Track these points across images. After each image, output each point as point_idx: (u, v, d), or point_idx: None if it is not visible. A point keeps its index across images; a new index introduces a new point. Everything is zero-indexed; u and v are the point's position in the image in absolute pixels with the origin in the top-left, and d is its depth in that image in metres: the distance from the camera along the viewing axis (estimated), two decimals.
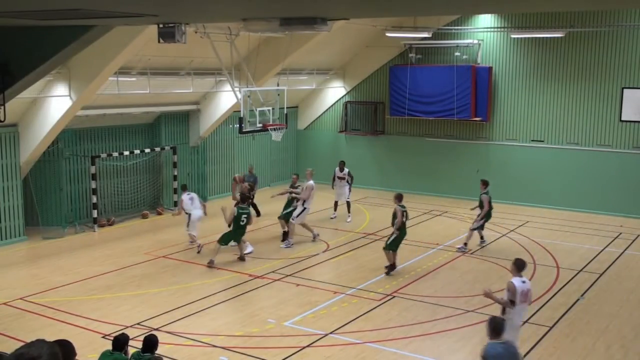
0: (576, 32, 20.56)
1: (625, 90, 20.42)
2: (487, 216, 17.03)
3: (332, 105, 26.22)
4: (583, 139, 21.58)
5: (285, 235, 17.37)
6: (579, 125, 21.63)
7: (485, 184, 17.22)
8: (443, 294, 13.54)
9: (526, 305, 9.68)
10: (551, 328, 11.81)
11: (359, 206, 21.79)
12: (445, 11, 14.96)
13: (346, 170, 20.13)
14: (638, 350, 10.92)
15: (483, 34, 22.85)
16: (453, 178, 23.37)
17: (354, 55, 24.85)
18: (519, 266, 9.62)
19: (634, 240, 18.07)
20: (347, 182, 20.17)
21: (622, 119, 20.49)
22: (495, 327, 7.54)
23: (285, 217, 17.38)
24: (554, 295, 13.58)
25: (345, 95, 25.92)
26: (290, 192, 17.64)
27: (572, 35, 20.74)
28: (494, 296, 9.64)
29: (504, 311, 9.53)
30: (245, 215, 15.39)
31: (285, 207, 17.67)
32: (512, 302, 9.41)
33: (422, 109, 23.61)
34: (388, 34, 21.89)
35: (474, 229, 16.98)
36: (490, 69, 22.80)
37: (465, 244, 16.82)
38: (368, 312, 12.46)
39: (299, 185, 17.68)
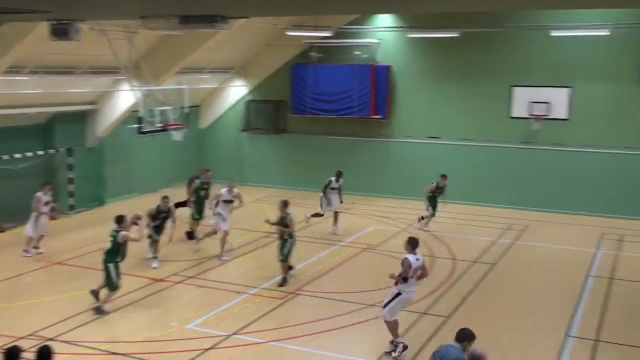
0: (470, 32, 21.35)
1: (513, 88, 21.47)
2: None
3: (234, 104, 26.07)
4: (476, 135, 22.50)
5: (190, 235, 17.24)
6: (472, 122, 22.53)
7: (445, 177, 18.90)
8: (345, 290, 13.77)
9: (417, 281, 10.58)
10: (448, 318, 12.27)
11: (262, 205, 21.79)
12: (341, 10, 15.18)
13: (342, 180, 18.74)
14: (527, 336, 11.51)
15: (382, 34, 23.35)
16: (355, 175, 23.71)
17: (255, 53, 24.80)
18: (413, 244, 10.53)
19: (522, 231, 19.02)
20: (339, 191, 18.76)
21: (511, 115, 21.57)
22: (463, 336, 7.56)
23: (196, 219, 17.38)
24: (451, 287, 14.10)
25: (247, 94, 25.84)
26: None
27: (466, 36, 21.53)
28: (393, 275, 10.42)
29: (396, 284, 10.43)
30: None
31: (198, 212, 17.51)
32: (405, 279, 10.28)
33: (324, 107, 23.88)
34: (289, 33, 22.01)
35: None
36: (389, 67, 23.36)
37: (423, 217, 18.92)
38: (271, 311, 12.52)
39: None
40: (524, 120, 21.44)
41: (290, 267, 14.34)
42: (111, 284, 12.31)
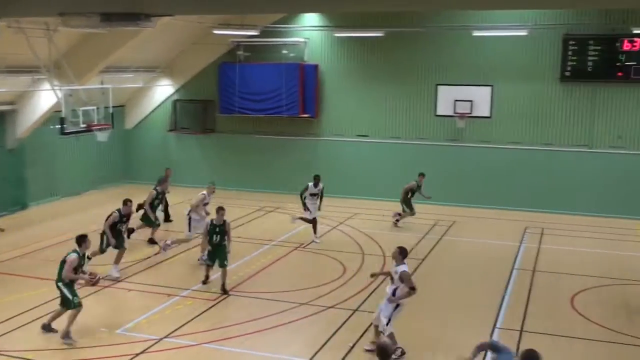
0: (395, 32, 21.70)
1: (439, 86, 21.98)
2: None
3: (160, 104, 25.62)
4: (404, 133, 22.91)
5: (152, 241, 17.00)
6: (400, 120, 22.92)
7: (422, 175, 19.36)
8: (277, 289, 13.77)
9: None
10: None
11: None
12: (267, 9, 15.12)
13: (321, 185, 17.75)
14: (457, 328, 11.81)
15: (309, 33, 23.44)
16: (284, 174, 23.79)
17: (182, 52, 24.44)
18: (405, 254, 10.49)
19: (449, 227, 19.48)
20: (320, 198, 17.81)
21: (437, 113, 22.08)
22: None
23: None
24: (381, 283, 14.29)
25: (173, 93, 25.44)
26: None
27: (392, 35, 21.86)
28: (402, 294, 10.20)
29: (394, 293, 10.26)
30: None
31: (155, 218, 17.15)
32: (413, 289, 10.16)
33: (252, 107, 23.79)
34: (215, 32, 21.80)
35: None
36: (316, 66, 23.47)
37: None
38: (203, 312, 12.39)
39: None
40: (449, 118, 21.97)
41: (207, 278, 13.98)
42: (69, 303, 10.98)
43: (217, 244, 13.58)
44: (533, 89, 21.63)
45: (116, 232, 14.35)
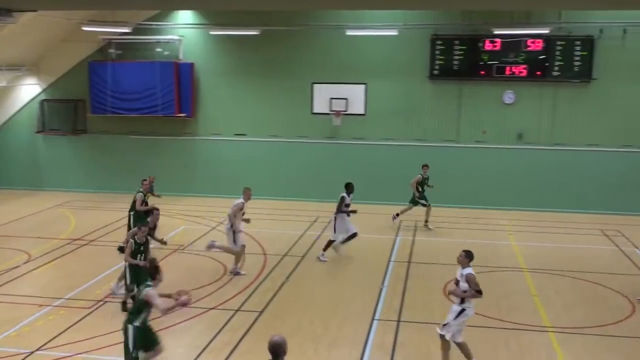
0: (271, 30, 21.80)
1: (315, 85, 22.32)
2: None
3: (26, 104, 24.32)
4: (282, 131, 23.08)
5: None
6: (278, 119, 23.09)
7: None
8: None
9: None
10: (262, 312, 12.49)
11: (62, 211, 20.61)
12: (136, 5, 14.75)
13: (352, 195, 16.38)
14: (338, 322, 12.07)
15: (184, 31, 23.08)
16: (161, 175, 23.28)
17: (49, 50, 23.32)
18: (471, 257, 10.00)
19: (329, 223, 19.80)
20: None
21: (314, 111, 22.42)
22: None
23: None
24: (262, 281, 14.36)
25: (41, 92, 24.23)
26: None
27: (268, 34, 21.93)
28: (456, 291, 9.85)
29: (462, 301, 9.82)
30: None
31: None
32: (479, 292, 9.75)
33: (126, 106, 23.12)
34: (85, 28, 20.96)
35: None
36: (192, 65, 23.15)
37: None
38: (78, 321, 11.92)
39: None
40: (326, 116, 22.36)
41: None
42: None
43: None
44: (404, 86, 22.47)
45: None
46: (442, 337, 9.99)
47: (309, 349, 10.88)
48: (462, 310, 9.85)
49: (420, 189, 19.46)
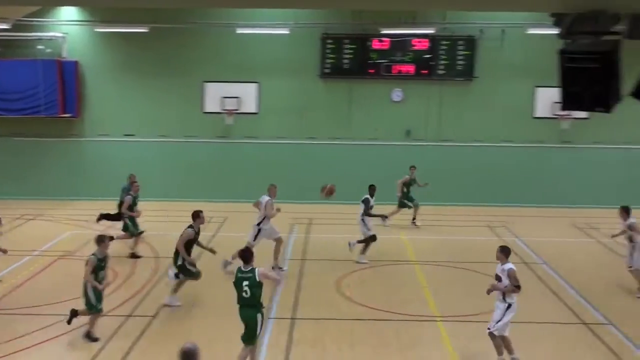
0: (160, 27, 21.34)
1: (206, 83, 22.07)
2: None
3: None
4: (172, 131, 22.68)
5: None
6: (168, 118, 22.67)
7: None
8: (43, 302, 12.91)
9: None
10: (154, 317, 12.23)
11: None
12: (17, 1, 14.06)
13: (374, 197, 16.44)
14: (234, 322, 11.98)
15: (67, 27, 22.21)
16: (46, 179, 22.36)
17: None
18: (507, 252, 10.32)
19: (223, 223, 19.70)
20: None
21: (205, 110, 22.18)
22: None
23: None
24: (155, 285, 14.07)
25: None
26: None
27: (157, 31, 21.46)
28: (498, 286, 10.20)
29: (504, 297, 10.14)
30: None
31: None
32: (518, 287, 10.04)
33: (6, 107, 22.01)
34: None
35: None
36: (76, 63, 22.31)
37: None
38: None
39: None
40: (217, 115, 22.17)
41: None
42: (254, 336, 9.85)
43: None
44: (297, 85, 22.64)
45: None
46: (491, 334, 10.30)
47: (204, 353, 10.74)
48: (509, 306, 10.20)
49: (405, 190, 19.79)
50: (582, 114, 21.08)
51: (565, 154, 22.60)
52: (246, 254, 9.74)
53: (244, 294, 9.62)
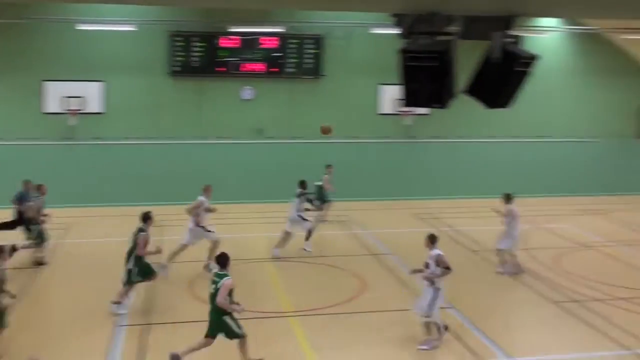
0: None
1: (45, 82, 20.85)
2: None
3: None
4: (7, 134, 21.20)
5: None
6: (2, 119, 21.19)
7: None
8: None
9: None
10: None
11: None
12: None
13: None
14: (76, 335, 11.44)
15: None
16: None
17: None
18: (433, 240, 11.15)
19: (67, 230, 18.72)
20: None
21: (45, 111, 20.96)
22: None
23: None
24: None
25: None
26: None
27: None
28: (434, 273, 10.86)
29: (432, 282, 10.90)
30: None
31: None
32: (449, 269, 10.86)
33: None
34: None
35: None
36: None
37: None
38: None
39: None
40: (60, 115, 21.02)
41: None
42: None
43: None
44: (145, 83, 22.02)
45: None
46: (425, 322, 11.01)
47: None
48: (438, 290, 10.93)
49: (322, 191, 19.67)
50: (423, 110, 22.26)
51: (409, 148, 23.68)
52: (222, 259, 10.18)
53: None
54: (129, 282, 12.46)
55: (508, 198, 15.14)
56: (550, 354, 11.08)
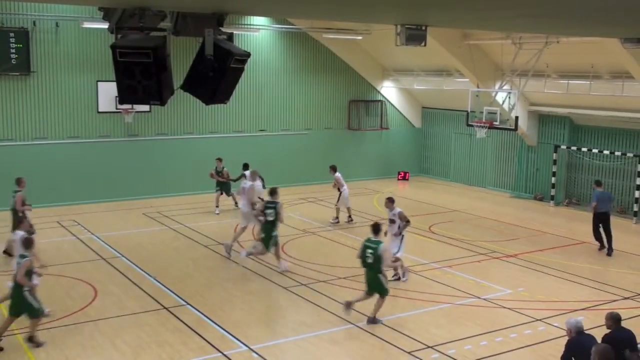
0: None
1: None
2: None
3: None
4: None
5: None
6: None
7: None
8: None
9: None
10: None
11: None
12: None
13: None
14: None
15: None
16: None
17: None
18: (392, 201, 14.36)
19: None
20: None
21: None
22: None
23: None
24: None
25: None
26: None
27: None
28: (400, 228, 13.98)
29: (400, 233, 13.95)
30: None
31: None
32: (409, 222, 14.09)
33: None
34: None
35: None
36: None
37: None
38: None
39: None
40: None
41: None
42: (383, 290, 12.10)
43: None
44: None
45: None
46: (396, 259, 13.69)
47: None
48: (403, 237, 13.99)
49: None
50: (144, 107, 21.88)
51: (132, 146, 23.04)
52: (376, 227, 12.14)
53: (367, 259, 11.86)
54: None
55: (334, 169, 20.12)
56: (286, 337, 11.66)
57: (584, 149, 22.60)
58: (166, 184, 23.29)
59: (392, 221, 14.10)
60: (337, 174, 19.98)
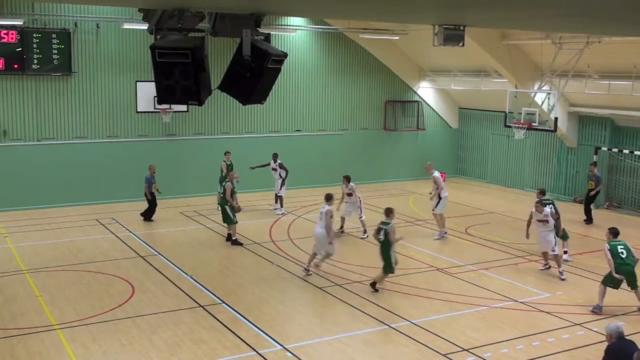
0: None
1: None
2: None
3: None
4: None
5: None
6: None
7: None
8: None
9: None
10: None
11: None
12: None
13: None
14: None
15: None
16: None
17: None
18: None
19: None
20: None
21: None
22: None
23: None
24: None
25: None
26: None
27: None
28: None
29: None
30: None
31: None
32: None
33: None
34: None
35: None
36: None
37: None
38: None
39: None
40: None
41: None
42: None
43: None
44: None
45: None
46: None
47: None
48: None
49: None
50: (182, 107, 22.07)
51: (169, 146, 23.29)
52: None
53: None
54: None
55: (348, 179, 18.66)
56: (320, 337, 11.67)
57: (626, 151, 22.14)
58: (203, 183, 23.44)
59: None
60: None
